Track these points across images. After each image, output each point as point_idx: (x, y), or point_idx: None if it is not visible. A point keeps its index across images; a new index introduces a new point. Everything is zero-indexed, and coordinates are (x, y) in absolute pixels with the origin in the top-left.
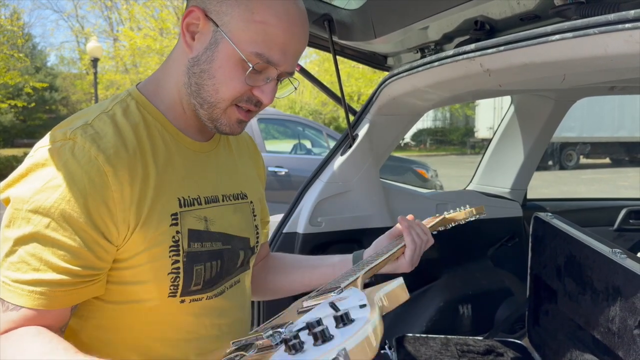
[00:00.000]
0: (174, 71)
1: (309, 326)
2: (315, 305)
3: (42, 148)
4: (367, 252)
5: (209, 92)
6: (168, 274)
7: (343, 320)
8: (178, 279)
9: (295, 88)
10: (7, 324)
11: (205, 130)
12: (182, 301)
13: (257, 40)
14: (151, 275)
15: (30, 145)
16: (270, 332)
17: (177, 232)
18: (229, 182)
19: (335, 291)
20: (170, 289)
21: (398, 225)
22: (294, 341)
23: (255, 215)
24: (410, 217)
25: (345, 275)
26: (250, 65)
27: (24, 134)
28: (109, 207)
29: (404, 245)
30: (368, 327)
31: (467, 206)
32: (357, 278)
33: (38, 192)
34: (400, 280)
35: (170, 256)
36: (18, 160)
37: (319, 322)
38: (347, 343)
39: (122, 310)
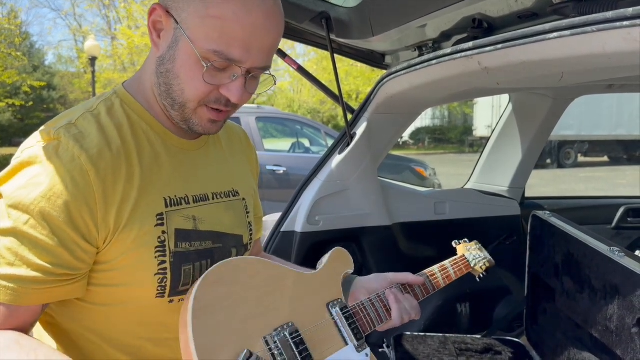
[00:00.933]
0: (149, 70)
1: None
2: (339, 340)
3: (28, 149)
4: (364, 283)
5: (176, 93)
6: (154, 274)
7: None
8: (165, 280)
9: (275, 83)
10: None
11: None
12: (171, 301)
13: (213, 37)
14: (137, 277)
15: None
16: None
17: (163, 232)
18: (220, 179)
19: (358, 342)
20: (157, 290)
21: (404, 278)
22: None
23: (248, 212)
24: (417, 280)
25: (369, 316)
26: (205, 65)
27: (22, 132)
28: (90, 207)
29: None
30: None
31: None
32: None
33: (20, 188)
34: None
35: (156, 257)
36: None
37: None
38: None
39: (111, 312)
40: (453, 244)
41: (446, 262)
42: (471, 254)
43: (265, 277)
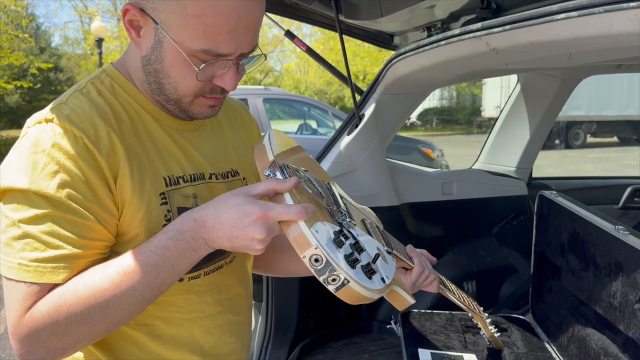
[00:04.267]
0: (134, 65)
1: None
2: (376, 235)
3: (24, 136)
4: None
5: (169, 90)
6: None
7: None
8: None
9: (265, 57)
10: (30, 300)
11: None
12: (181, 280)
13: (198, 36)
14: None
15: None
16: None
17: (168, 210)
18: (218, 160)
19: (388, 247)
20: None
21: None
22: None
23: None
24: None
25: (397, 245)
26: (197, 69)
27: (30, 115)
28: (105, 181)
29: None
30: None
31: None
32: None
33: (35, 181)
34: (413, 301)
35: None
36: None
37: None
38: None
39: None
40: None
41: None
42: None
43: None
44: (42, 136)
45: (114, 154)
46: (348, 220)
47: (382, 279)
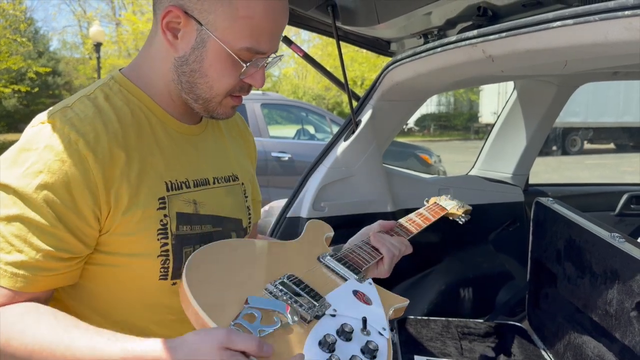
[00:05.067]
0: (159, 65)
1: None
2: (338, 279)
3: (24, 135)
4: (349, 242)
5: (202, 90)
6: (157, 256)
7: (370, 353)
8: (167, 262)
9: (282, 56)
10: None
11: (194, 113)
12: (174, 283)
13: (245, 35)
14: (141, 259)
15: None
16: (303, 297)
17: (165, 215)
18: (220, 164)
19: (358, 275)
20: (160, 272)
21: (378, 225)
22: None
23: (246, 197)
24: (389, 223)
25: (359, 255)
26: (244, 65)
27: (28, 119)
28: (92, 190)
29: (382, 257)
30: None
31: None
32: (369, 266)
33: (19, 177)
34: (407, 303)
35: (158, 239)
36: None
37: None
38: None
39: (116, 294)
40: (424, 201)
41: (420, 209)
42: (442, 202)
43: (251, 249)
44: (38, 136)
45: (112, 159)
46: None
47: (380, 333)
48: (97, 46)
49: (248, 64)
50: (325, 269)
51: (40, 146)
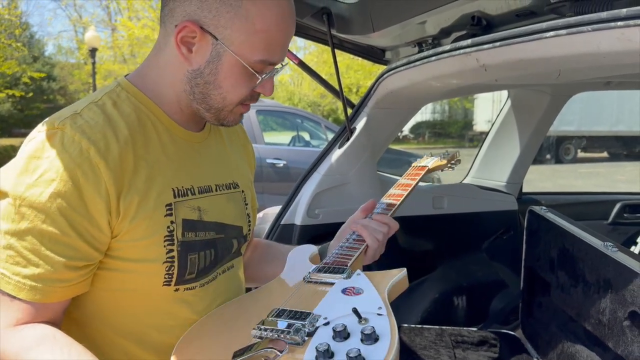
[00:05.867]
0: (169, 75)
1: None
2: (326, 287)
3: (32, 140)
4: (335, 240)
5: (216, 100)
6: (163, 262)
7: (370, 338)
8: (173, 268)
9: (287, 64)
10: (9, 316)
11: (198, 120)
12: (177, 290)
13: (260, 48)
14: (146, 265)
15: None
16: (288, 324)
17: (172, 222)
18: (222, 171)
19: (344, 273)
20: (165, 278)
21: (359, 212)
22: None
23: (246, 204)
24: (369, 205)
25: (342, 253)
26: (259, 77)
27: (22, 123)
28: (103, 197)
29: (367, 246)
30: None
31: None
32: (355, 259)
33: (31, 186)
34: (404, 272)
35: (165, 245)
36: (15, 150)
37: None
38: None
39: (118, 299)
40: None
41: (400, 179)
42: (423, 162)
43: (235, 307)
44: (49, 143)
45: (123, 166)
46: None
47: (378, 314)
48: (93, 51)
49: (263, 76)
50: (312, 284)
51: (52, 154)
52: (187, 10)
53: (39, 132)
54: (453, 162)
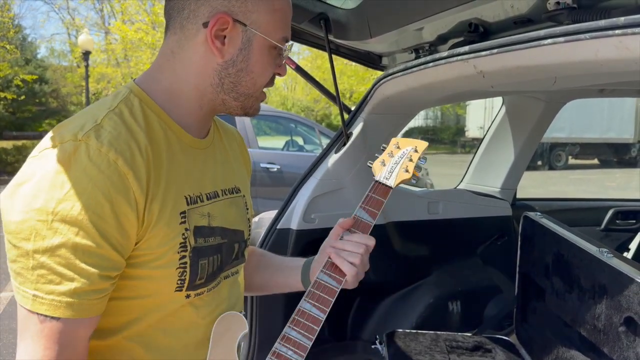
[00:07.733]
0: (193, 76)
1: None
2: None
3: (49, 150)
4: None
5: (246, 86)
6: (176, 268)
7: None
8: (185, 274)
9: (293, 44)
10: (45, 336)
11: (204, 126)
12: (188, 296)
13: (280, 26)
14: (160, 271)
15: (20, 138)
16: None
17: (186, 229)
18: (225, 177)
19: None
20: (177, 284)
21: (336, 230)
22: None
23: (247, 209)
24: (346, 222)
25: (312, 312)
26: (285, 49)
27: (13, 126)
28: (132, 207)
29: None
30: None
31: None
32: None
33: (61, 201)
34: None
35: (178, 252)
36: (7, 153)
37: None
38: None
39: (129, 305)
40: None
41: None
42: (380, 176)
43: None
44: (74, 156)
45: (147, 176)
46: None
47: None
48: (86, 54)
49: (285, 52)
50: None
51: (79, 167)
52: (213, 5)
53: (63, 144)
54: (421, 159)
